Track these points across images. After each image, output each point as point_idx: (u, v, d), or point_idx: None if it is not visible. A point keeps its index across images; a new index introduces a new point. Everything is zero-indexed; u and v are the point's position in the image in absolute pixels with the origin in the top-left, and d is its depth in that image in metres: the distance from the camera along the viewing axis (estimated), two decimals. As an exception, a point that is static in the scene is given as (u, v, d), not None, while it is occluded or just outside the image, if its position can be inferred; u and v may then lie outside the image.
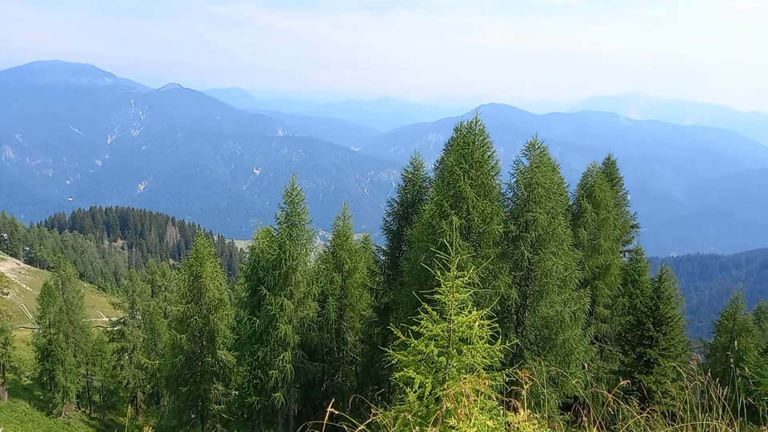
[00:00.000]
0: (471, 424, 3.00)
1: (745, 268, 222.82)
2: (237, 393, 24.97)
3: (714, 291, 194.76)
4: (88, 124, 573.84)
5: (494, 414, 3.49)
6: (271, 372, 21.18)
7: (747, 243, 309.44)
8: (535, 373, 15.08)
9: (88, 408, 46.85)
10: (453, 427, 3.07)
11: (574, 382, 14.92)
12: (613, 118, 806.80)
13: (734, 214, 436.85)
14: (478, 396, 4.01)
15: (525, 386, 3.31)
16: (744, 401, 4.04)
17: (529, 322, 17.28)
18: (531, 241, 16.58)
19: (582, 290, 19.39)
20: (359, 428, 3.10)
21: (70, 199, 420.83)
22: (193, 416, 28.09)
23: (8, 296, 49.35)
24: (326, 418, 3.13)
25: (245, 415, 23.39)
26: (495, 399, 4.22)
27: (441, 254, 5.76)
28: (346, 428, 3.26)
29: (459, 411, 3.05)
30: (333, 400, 3.61)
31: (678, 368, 18.61)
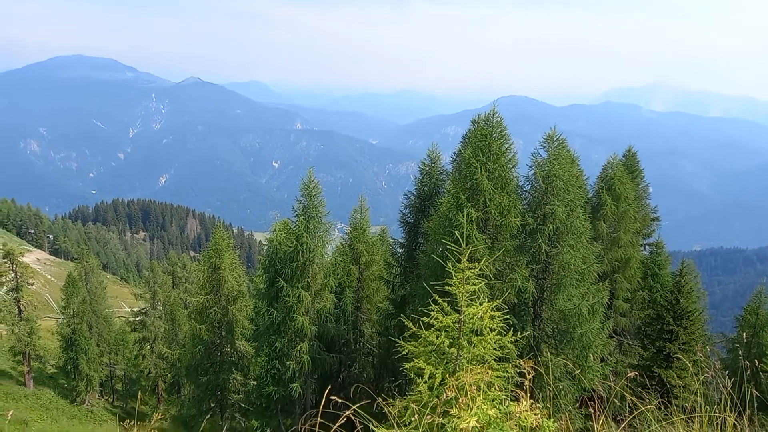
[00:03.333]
0: (472, 413, 3.01)
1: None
2: (255, 383, 25.26)
3: (738, 285, 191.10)
4: (110, 118, 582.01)
5: (497, 403, 3.50)
6: (288, 363, 21.39)
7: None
8: (551, 367, 15.02)
9: (111, 396, 47.80)
10: (455, 416, 3.08)
11: (591, 375, 14.81)
12: (636, 109, 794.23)
13: (760, 209, 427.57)
14: (487, 387, 4.02)
15: (528, 377, 3.31)
16: (752, 394, 3.98)
17: (547, 315, 17.17)
18: (549, 234, 16.44)
19: (601, 283, 19.20)
20: (345, 414, 3.12)
21: (93, 192, 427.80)
22: (212, 405, 28.53)
23: (33, 287, 50.39)
24: (322, 406, 3.15)
25: (263, 405, 23.67)
26: (504, 390, 4.22)
27: (453, 246, 5.76)
28: (352, 416, 3.29)
29: (461, 400, 3.06)
30: (329, 387, 3.65)
31: (697, 364, 18.39)
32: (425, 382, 4.81)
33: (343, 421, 3.15)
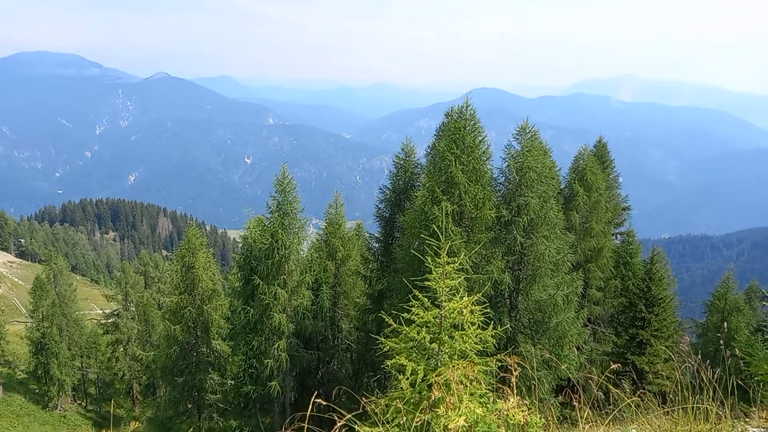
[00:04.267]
0: (459, 412, 2.98)
1: (736, 248, 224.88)
2: (233, 382, 25.02)
3: (706, 271, 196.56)
4: (76, 116, 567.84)
5: (483, 401, 3.48)
6: (266, 361, 21.19)
7: (738, 223, 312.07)
8: (529, 357, 15.18)
9: (84, 400, 46.85)
10: (442, 416, 3.04)
11: (567, 364, 14.99)
12: (605, 100, 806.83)
13: (726, 195, 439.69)
14: (470, 382, 3.99)
15: (514, 372, 3.30)
16: (734, 382, 4.05)
17: (523, 306, 17.33)
18: (523, 226, 16.58)
19: (574, 273, 19.48)
20: (338, 425, 3.06)
21: (60, 192, 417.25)
22: (189, 406, 28.16)
23: (0, 291, 49.06)
24: (309, 409, 3.08)
25: (241, 405, 23.44)
26: (487, 384, 4.20)
27: (431, 241, 5.72)
28: (337, 419, 3.22)
29: (448, 399, 3.03)
30: (316, 393, 3.58)
31: (670, 349, 18.77)
32: (407, 379, 4.77)
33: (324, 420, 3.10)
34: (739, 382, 4.06)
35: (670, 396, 3.99)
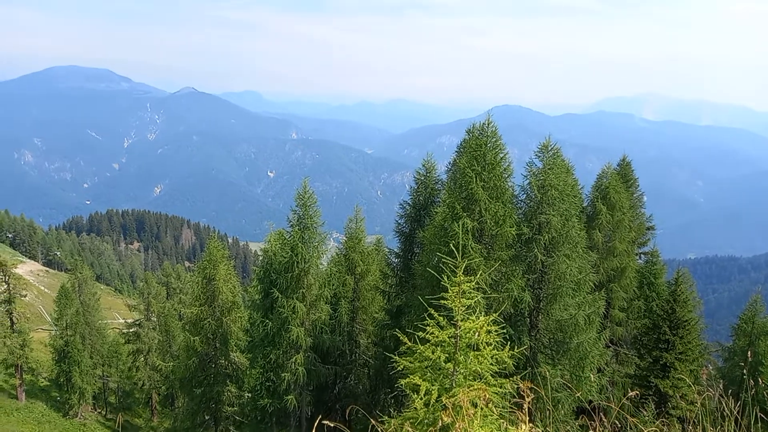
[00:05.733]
0: (470, 438, 2.93)
1: (765, 271, 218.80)
2: (250, 395, 25.05)
3: (732, 293, 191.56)
4: (105, 129, 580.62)
5: (496, 427, 3.41)
6: (283, 374, 21.20)
7: (765, 244, 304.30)
8: (549, 378, 14.92)
9: (104, 409, 47.27)
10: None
11: (588, 386, 14.71)
12: (629, 118, 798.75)
13: (752, 216, 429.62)
14: (485, 405, 3.93)
15: (527, 398, 3.22)
16: (758, 413, 3.91)
17: (543, 326, 17.08)
18: (544, 244, 16.40)
19: (597, 293, 19.15)
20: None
21: (88, 203, 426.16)
22: (206, 418, 28.25)
23: (26, 298, 49.92)
24: (316, 426, 3.05)
25: (258, 418, 23.44)
26: (502, 407, 4.13)
27: (448, 259, 5.68)
28: (347, 438, 3.19)
29: (457, 425, 2.97)
30: (325, 412, 3.56)
31: (694, 373, 18.28)
32: (421, 399, 4.71)
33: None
34: (762, 415, 3.91)
35: (690, 428, 3.87)
